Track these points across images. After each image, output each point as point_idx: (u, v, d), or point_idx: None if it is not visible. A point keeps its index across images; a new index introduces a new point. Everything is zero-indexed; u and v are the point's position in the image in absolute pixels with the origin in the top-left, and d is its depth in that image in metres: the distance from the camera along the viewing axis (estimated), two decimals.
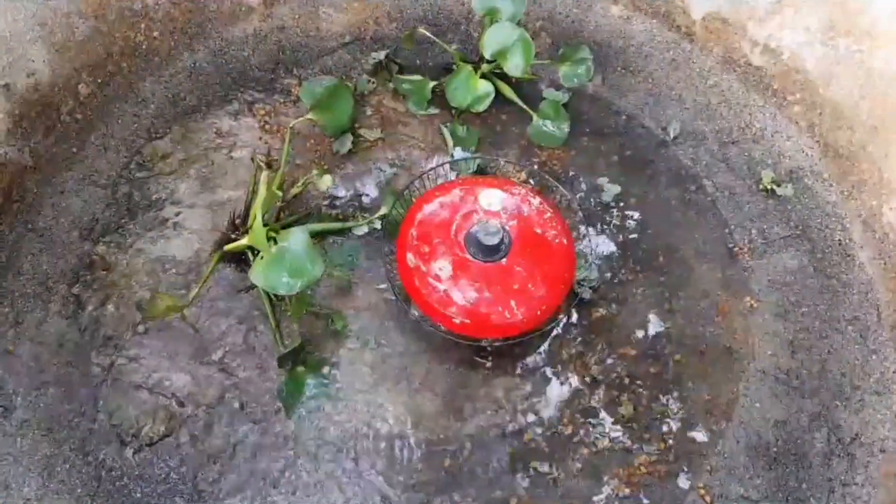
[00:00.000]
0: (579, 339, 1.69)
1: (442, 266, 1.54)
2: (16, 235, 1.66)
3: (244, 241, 1.53)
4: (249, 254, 1.67)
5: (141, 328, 1.64)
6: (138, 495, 1.47)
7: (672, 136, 1.95)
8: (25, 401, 1.52)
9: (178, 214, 1.79)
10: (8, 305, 1.60)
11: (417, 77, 1.98)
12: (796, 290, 1.72)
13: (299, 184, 1.82)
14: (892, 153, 1.62)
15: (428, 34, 1.98)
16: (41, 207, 1.71)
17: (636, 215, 1.85)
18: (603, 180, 1.89)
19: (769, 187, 1.83)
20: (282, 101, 1.98)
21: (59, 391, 1.54)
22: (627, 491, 1.52)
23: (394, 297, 1.69)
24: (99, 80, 1.83)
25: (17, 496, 1.42)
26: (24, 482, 1.44)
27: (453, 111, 1.97)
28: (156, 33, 1.91)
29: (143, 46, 1.90)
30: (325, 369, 1.63)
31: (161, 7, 1.90)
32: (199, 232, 1.77)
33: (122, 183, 1.80)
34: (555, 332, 1.69)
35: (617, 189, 1.88)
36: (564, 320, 1.70)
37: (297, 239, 1.54)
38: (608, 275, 1.76)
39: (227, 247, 1.57)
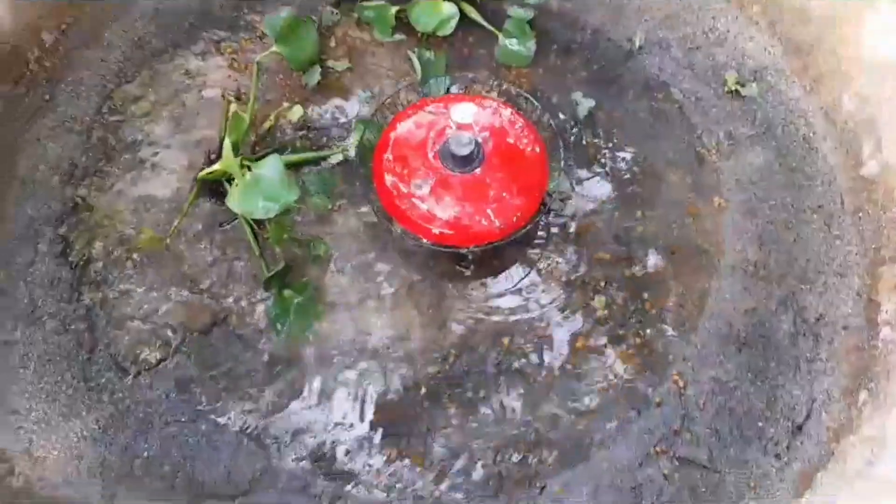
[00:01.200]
0: (554, 247, 1.74)
1: (419, 182, 1.58)
2: None
3: (217, 166, 1.56)
4: (227, 185, 1.71)
5: (129, 264, 1.69)
6: (141, 415, 1.54)
7: (637, 46, 1.97)
8: (24, 335, 1.57)
9: (154, 155, 1.82)
10: None
11: (381, 2, 1.98)
12: (763, 187, 1.77)
13: (271, 118, 1.84)
14: (848, 42, 1.64)
15: None
16: (19, 156, 1.74)
17: (606, 127, 1.89)
18: (577, 95, 1.92)
19: (734, 88, 1.86)
20: (247, 37, 1.99)
21: (56, 325, 1.60)
22: (606, 382, 1.59)
23: (375, 219, 1.74)
24: (62, 28, 1.84)
25: (26, 419, 1.50)
26: (31, 408, 1.51)
27: (419, 36, 1.98)
28: None
29: None
30: (311, 290, 1.68)
31: None
32: (176, 171, 1.80)
33: (97, 127, 1.82)
34: (531, 241, 1.74)
35: (591, 103, 1.90)
36: (540, 230, 1.75)
37: (270, 165, 1.59)
38: (579, 186, 1.80)
39: (201, 174, 1.61)
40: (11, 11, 1.70)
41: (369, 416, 1.58)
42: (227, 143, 1.46)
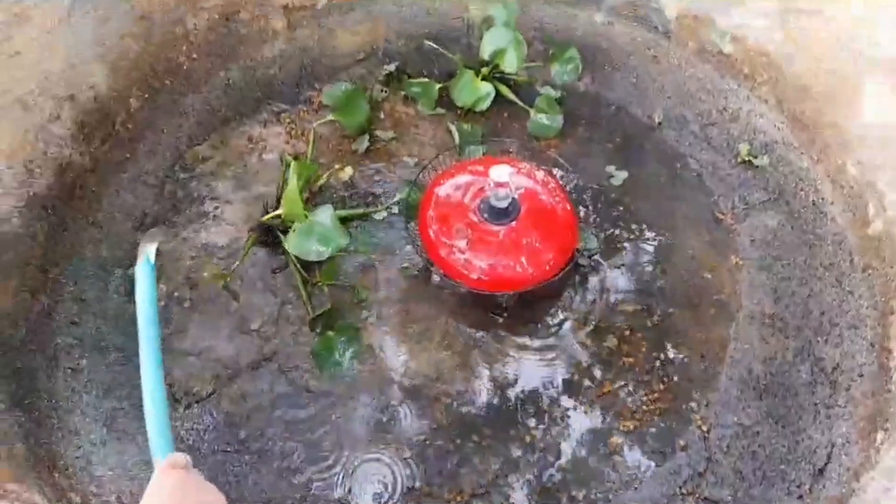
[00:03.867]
0: (582, 299, 1.86)
1: (460, 231, 1.74)
2: (78, 227, 1.88)
3: (279, 210, 1.74)
4: (281, 236, 1.88)
5: (188, 304, 1.84)
6: (190, 442, 1.63)
7: (657, 121, 2.17)
8: (90, 363, 1.71)
9: (216, 208, 2.01)
10: (73, 285, 1.81)
11: (425, 80, 2.22)
12: (776, 246, 1.89)
13: (323, 177, 2.04)
14: (848, 115, 1.81)
15: (434, 45, 2.24)
16: (99, 204, 1.94)
17: (630, 192, 2.05)
18: (611, 168, 2.09)
19: (747, 159, 2.03)
20: (305, 109, 2.23)
21: (118, 356, 1.73)
22: (632, 426, 1.66)
23: (415, 271, 1.89)
24: (146, 95, 2.09)
25: (85, 440, 1.60)
26: (90, 430, 1.62)
27: (459, 111, 2.20)
28: (195, 55, 2.18)
29: (185, 66, 2.16)
30: (353, 332, 1.80)
31: (199, 32, 2.17)
32: (236, 223, 1.98)
33: (168, 182, 2.03)
34: (560, 294, 1.86)
35: (625, 174, 2.06)
36: (569, 285, 1.87)
37: (324, 213, 1.76)
38: (606, 244, 1.94)
39: (264, 217, 1.78)
40: (108, 80, 1.95)
41: (404, 452, 1.65)
42: (293, 183, 1.63)
